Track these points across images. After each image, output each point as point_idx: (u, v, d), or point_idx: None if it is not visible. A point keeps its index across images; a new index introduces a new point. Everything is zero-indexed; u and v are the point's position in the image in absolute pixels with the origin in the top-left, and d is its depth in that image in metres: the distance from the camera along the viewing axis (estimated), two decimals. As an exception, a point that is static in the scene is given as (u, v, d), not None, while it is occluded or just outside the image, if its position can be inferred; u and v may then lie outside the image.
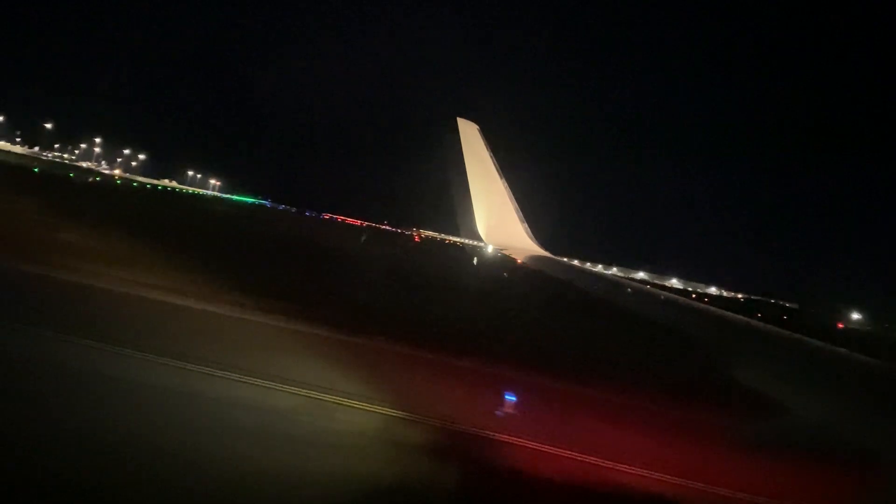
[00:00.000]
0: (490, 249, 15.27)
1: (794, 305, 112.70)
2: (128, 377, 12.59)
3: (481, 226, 14.10)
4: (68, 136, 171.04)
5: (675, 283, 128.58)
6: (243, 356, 15.23)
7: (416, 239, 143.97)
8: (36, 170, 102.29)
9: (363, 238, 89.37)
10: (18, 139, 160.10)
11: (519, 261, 14.13)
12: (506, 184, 13.96)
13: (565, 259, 15.84)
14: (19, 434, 9.66)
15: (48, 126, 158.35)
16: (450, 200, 14.72)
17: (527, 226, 14.06)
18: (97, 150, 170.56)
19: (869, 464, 5.57)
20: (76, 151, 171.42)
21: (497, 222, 14.12)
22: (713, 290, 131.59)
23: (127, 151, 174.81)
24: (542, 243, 14.07)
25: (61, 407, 10.84)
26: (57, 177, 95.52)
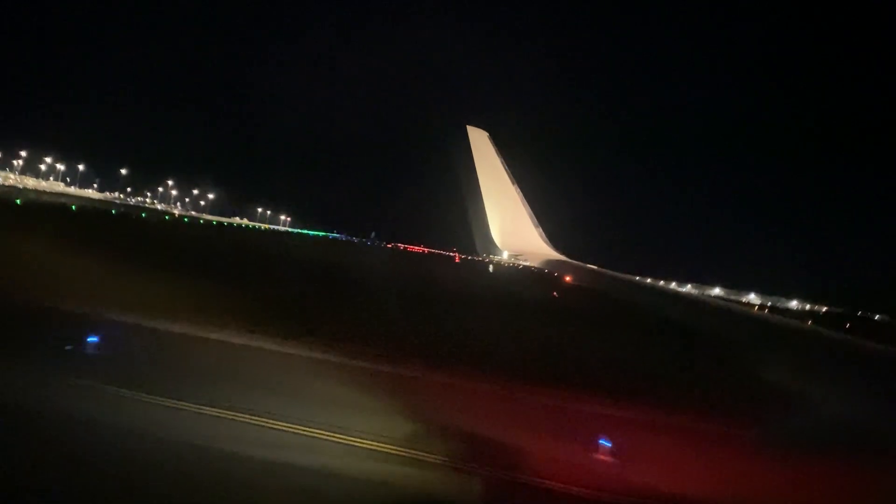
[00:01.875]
0: (505, 255, 15.07)
1: (885, 317, 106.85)
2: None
3: (496, 233, 13.93)
4: (144, 180, 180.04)
5: (752, 298, 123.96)
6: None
7: (456, 259, 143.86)
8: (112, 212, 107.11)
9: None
10: (95, 185, 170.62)
11: (534, 266, 13.91)
12: (519, 189, 13.80)
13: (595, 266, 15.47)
14: None
15: (123, 171, 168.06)
16: (464, 209, 14.62)
17: (542, 230, 13.83)
18: (174, 192, 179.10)
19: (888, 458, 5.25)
20: (148, 193, 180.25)
21: (512, 228, 13.93)
22: (794, 303, 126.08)
23: (196, 192, 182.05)
24: (559, 247, 13.81)
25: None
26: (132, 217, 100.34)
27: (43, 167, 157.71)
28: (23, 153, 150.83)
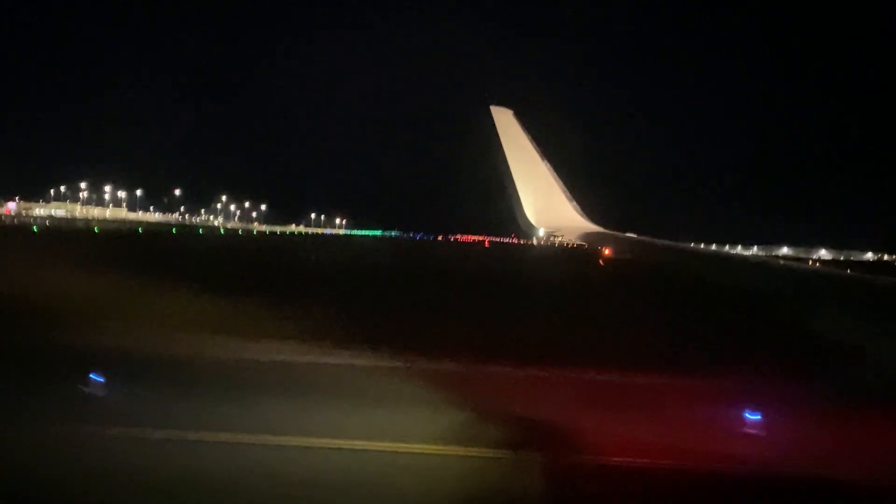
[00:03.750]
0: (542, 233, 14.84)
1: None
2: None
3: (530, 211, 13.74)
4: (198, 198, 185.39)
5: (823, 254, 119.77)
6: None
7: (486, 244, 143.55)
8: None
9: None
10: (151, 208, 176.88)
11: (574, 240, 13.67)
12: (549, 165, 13.57)
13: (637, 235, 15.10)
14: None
15: (177, 192, 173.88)
16: (500, 191, 14.45)
17: (576, 204, 13.57)
18: (233, 207, 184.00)
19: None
20: (203, 210, 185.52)
21: (546, 205, 13.71)
22: (869, 255, 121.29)
23: (247, 204, 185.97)
24: (595, 219, 13.53)
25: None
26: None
27: (106, 196, 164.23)
28: (83, 184, 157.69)
